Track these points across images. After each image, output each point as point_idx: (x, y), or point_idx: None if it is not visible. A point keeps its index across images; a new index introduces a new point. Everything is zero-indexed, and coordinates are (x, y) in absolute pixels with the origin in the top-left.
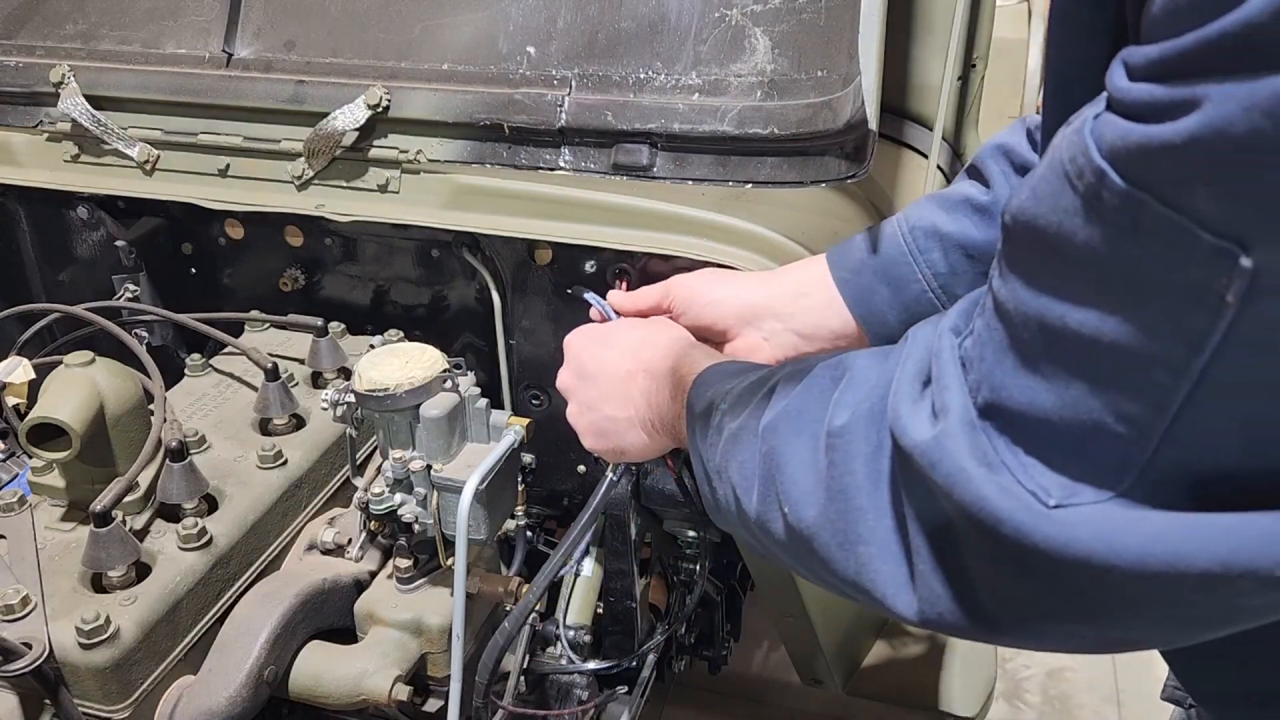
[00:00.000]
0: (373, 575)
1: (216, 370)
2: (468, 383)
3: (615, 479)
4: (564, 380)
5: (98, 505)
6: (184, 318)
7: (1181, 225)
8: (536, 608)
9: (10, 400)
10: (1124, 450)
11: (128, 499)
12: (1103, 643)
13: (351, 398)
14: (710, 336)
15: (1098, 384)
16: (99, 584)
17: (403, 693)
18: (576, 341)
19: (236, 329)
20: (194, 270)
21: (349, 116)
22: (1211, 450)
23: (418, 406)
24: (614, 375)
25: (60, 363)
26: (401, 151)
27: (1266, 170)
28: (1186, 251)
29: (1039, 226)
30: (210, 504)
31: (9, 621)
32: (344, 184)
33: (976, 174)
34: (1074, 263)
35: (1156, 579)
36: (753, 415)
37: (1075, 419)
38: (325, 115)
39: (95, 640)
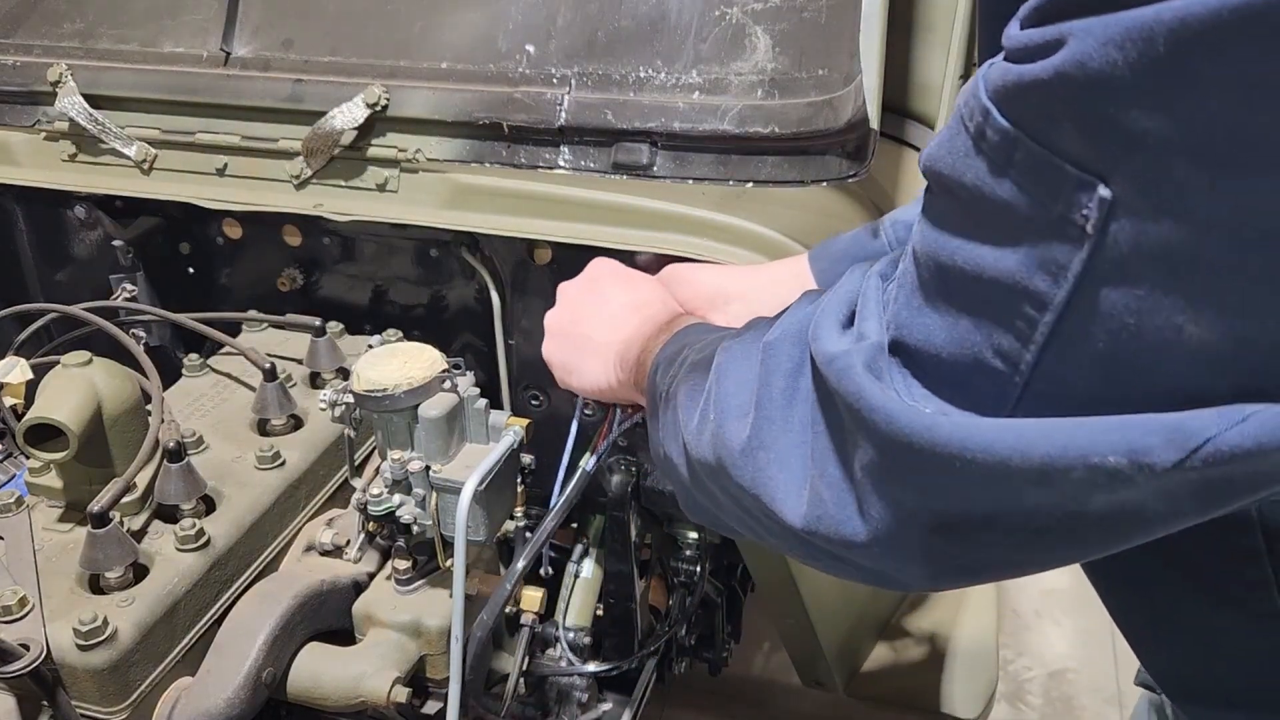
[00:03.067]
0: (371, 576)
1: (214, 370)
2: (467, 383)
3: (583, 410)
4: (569, 288)
5: (95, 506)
6: (181, 317)
7: (1049, 160)
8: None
9: (7, 400)
10: (1001, 383)
11: (125, 500)
12: (965, 566)
13: (350, 398)
14: None
15: (980, 319)
16: (97, 585)
17: (401, 694)
18: (605, 266)
19: (234, 329)
20: (192, 270)
21: (347, 115)
22: (1075, 382)
23: (416, 407)
24: (620, 305)
25: (57, 363)
26: (400, 150)
27: (1120, 101)
28: (1053, 186)
29: (939, 170)
30: (208, 505)
31: (6, 623)
32: (342, 183)
33: None
34: (964, 201)
35: (1002, 468)
36: (714, 342)
37: (961, 353)
38: (323, 114)
39: (93, 642)
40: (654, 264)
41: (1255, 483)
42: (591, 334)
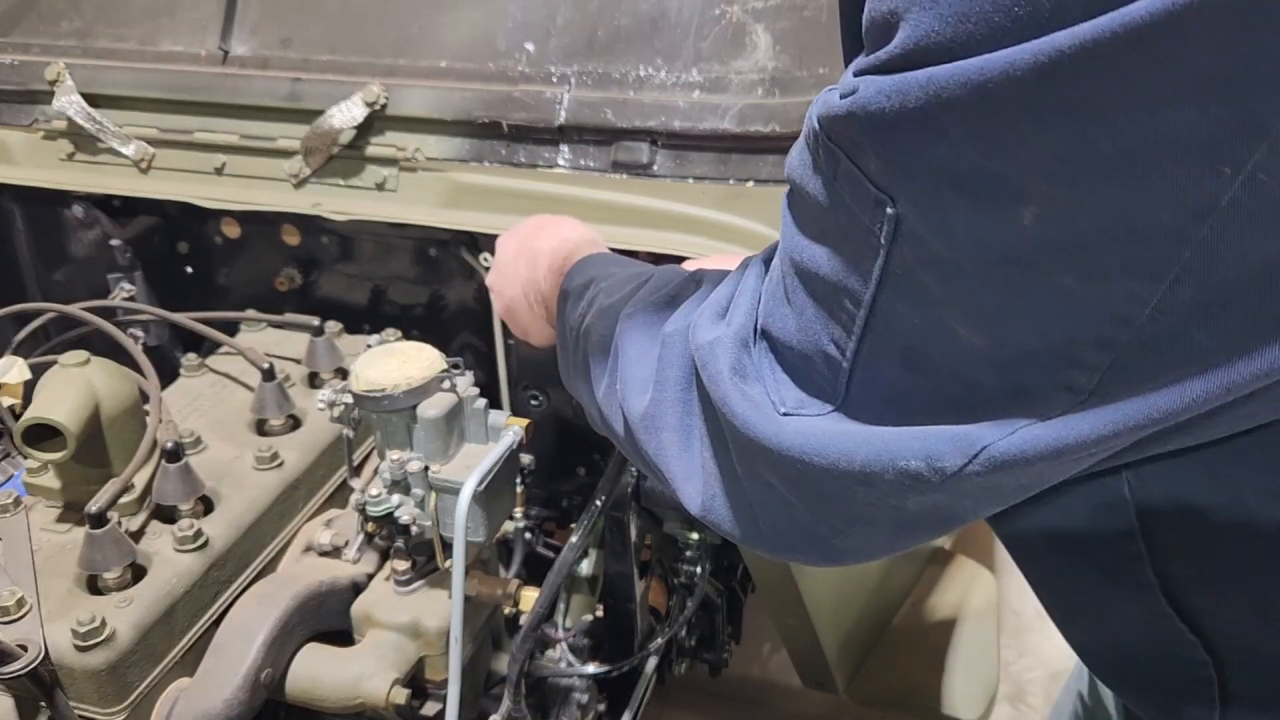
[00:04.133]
0: (370, 577)
1: (212, 370)
2: (466, 383)
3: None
4: (490, 280)
5: (93, 506)
6: (180, 317)
7: (858, 177)
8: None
9: (5, 400)
10: (833, 371)
11: (123, 500)
12: (831, 551)
13: (348, 398)
14: None
15: (818, 313)
16: (95, 586)
17: (400, 696)
18: (499, 242)
19: (232, 328)
20: (190, 269)
21: (346, 114)
22: (884, 369)
23: (415, 407)
24: (506, 257)
25: (55, 362)
26: (399, 149)
27: (894, 138)
28: (863, 200)
29: (793, 177)
30: (206, 505)
31: (4, 624)
32: (341, 182)
33: None
34: (808, 208)
35: (833, 471)
36: (622, 300)
37: (806, 343)
38: (322, 113)
39: (91, 642)
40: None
41: (1023, 485)
42: (514, 297)
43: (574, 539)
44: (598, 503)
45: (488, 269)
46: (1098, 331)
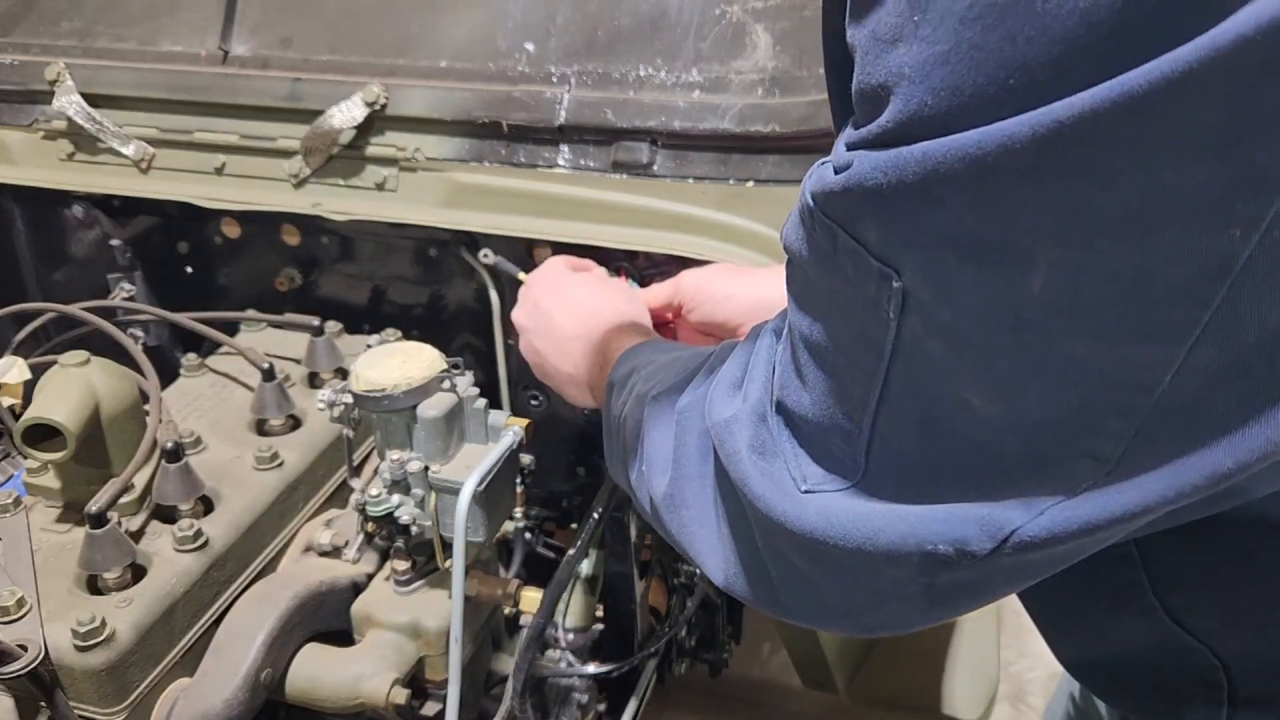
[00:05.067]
0: (370, 577)
1: (212, 370)
2: (466, 383)
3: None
4: (518, 318)
5: (93, 506)
6: (179, 317)
7: (859, 252)
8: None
9: (5, 400)
10: (851, 446)
11: (123, 500)
12: (861, 625)
13: (348, 398)
14: (722, 334)
15: (830, 388)
16: (94, 586)
17: (400, 696)
18: (537, 286)
19: (232, 328)
20: (190, 269)
21: (346, 114)
22: (903, 442)
23: (415, 407)
24: (561, 335)
25: (55, 362)
26: (399, 149)
27: (894, 210)
28: (865, 273)
29: (790, 251)
30: (206, 505)
31: (4, 624)
32: (341, 182)
33: None
34: (809, 282)
35: (859, 553)
36: (654, 383)
37: (822, 418)
38: (322, 113)
39: (91, 642)
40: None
41: (1053, 562)
42: (557, 367)
43: (572, 551)
44: (595, 515)
45: (486, 266)
46: (1117, 399)
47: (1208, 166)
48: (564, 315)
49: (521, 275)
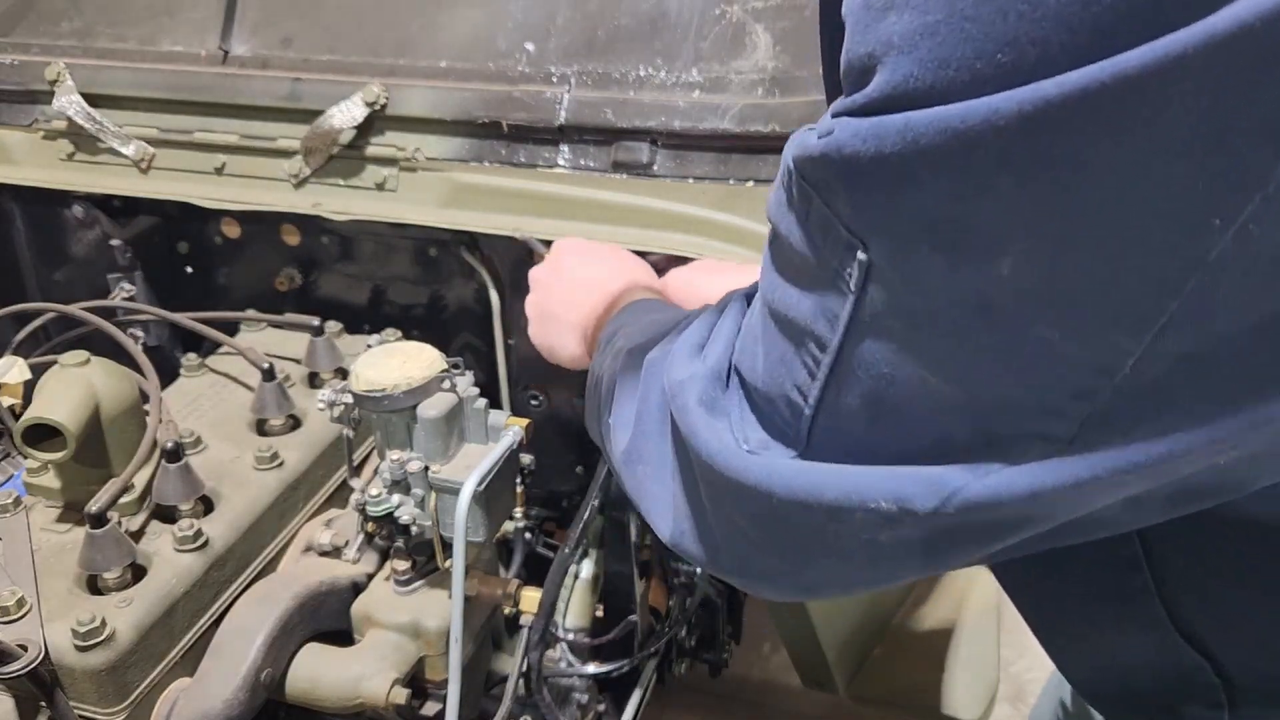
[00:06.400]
0: (370, 577)
1: (212, 370)
2: (466, 383)
3: None
4: (536, 272)
5: (93, 506)
6: (180, 317)
7: (832, 221)
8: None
9: (5, 400)
10: (797, 416)
11: (123, 500)
12: (804, 585)
13: (348, 398)
14: None
15: (783, 357)
16: (95, 586)
17: (400, 696)
18: (567, 245)
19: (232, 328)
20: (190, 269)
21: (346, 114)
22: (850, 417)
23: (415, 407)
24: (578, 282)
25: (55, 362)
26: (399, 149)
27: (870, 183)
28: (834, 243)
29: (770, 217)
30: (206, 505)
31: (4, 624)
32: (341, 182)
33: None
34: (783, 247)
35: (801, 507)
36: (630, 343)
37: (771, 385)
38: (322, 113)
39: (91, 642)
40: (664, 264)
41: (998, 531)
42: (557, 314)
43: (566, 548)
44: (587, 511)
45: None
46: (1077, 382)
47: (1193, 155)
48: (588, 264)
49: (545, 250)
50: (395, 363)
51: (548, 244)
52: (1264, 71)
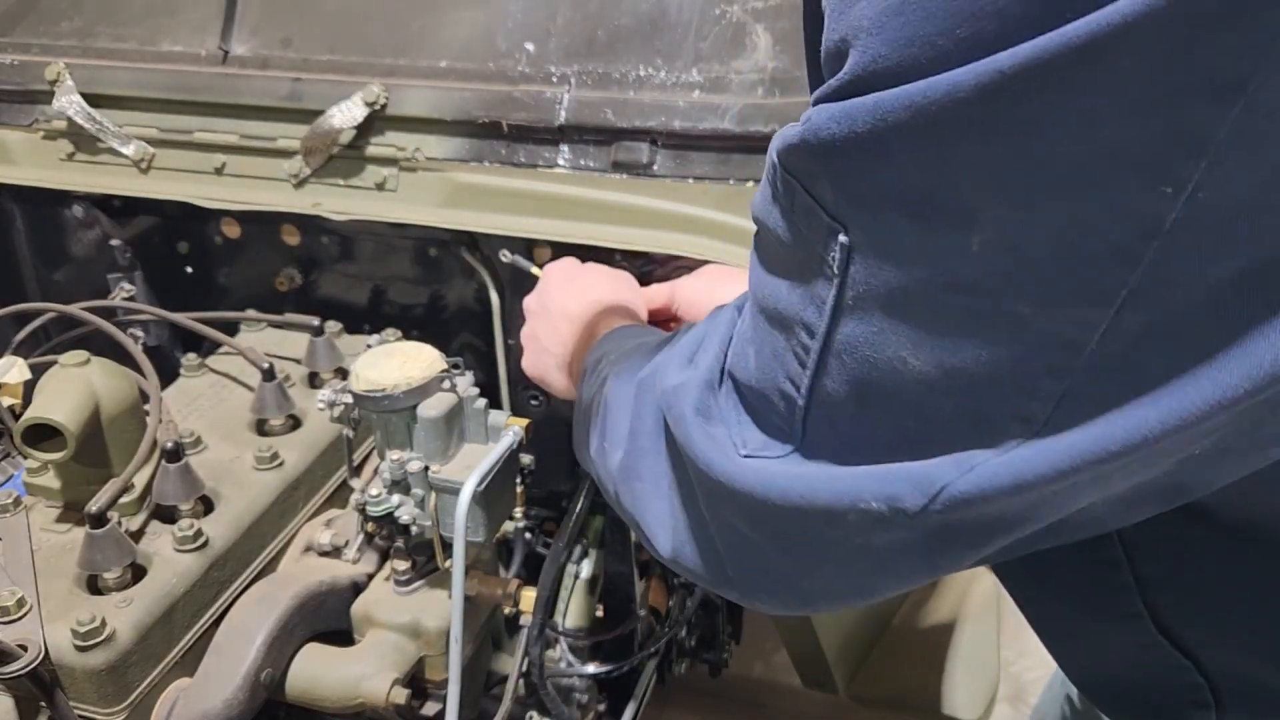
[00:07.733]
0: (370, 577)
1: (212, 370)
2: (466, 383)
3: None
4: (528, 301)
5: (93, 506)
6: (179, 317)
7: (815, 209)
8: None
9: (5, 401)
10: (790, 409)
11: (123, 500)
12: (801, 595)
13: (348, 398)
14: None
15: (776, 349)
16: (95, 586)
17: (400, 696)
18: (553, 271)
19: (232, 328)
20: (190, 269)
21: (346, 114)
22: (840, 404)
23: (415, 407)
24: (557, 313)
25: (55, 362)
26: (399, 149)
27: (845, 164)
28: (817, 229)
29: (756, 214)
30: (206, 505)
31: (4, 624)
32: (341, 182)
33: None
34: (770, 242)
35: (796, 512)
36: (618, 367)
37: (764, 381)
38: (322, 113)
39: (91, 642)
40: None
41: (988, 527)
42: (544, 345)
43: (559, 543)
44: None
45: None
46: (1049, 358)
47: (1144, 121)
48: (565, 295)
49: (535, 270)
50: (395, 363)
51: (533, 249)
52: (1204, 36)
